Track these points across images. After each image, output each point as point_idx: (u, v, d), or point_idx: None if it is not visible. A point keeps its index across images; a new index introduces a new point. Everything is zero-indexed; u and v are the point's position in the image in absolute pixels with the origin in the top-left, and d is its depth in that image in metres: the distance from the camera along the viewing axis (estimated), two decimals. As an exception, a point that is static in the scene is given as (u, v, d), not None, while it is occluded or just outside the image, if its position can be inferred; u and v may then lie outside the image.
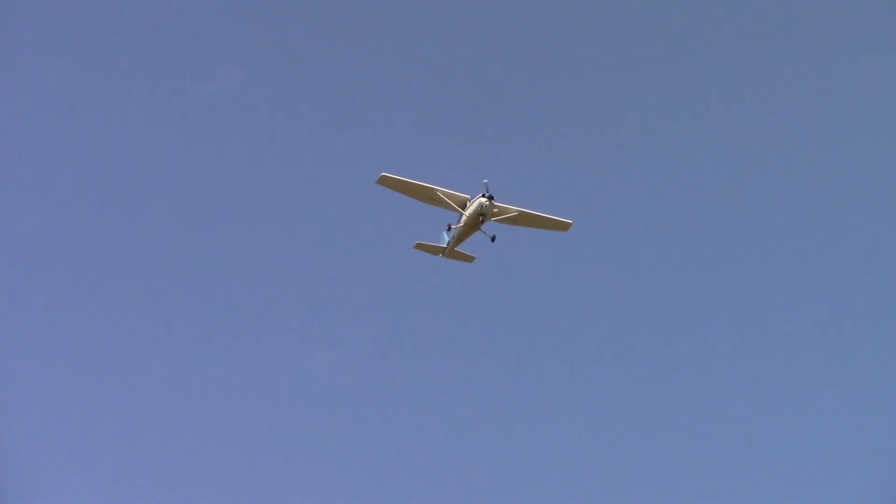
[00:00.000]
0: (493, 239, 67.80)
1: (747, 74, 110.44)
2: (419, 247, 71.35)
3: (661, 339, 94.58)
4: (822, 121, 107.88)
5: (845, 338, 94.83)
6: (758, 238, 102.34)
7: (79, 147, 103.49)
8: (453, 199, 67.06)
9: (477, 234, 68.52)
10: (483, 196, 66.11)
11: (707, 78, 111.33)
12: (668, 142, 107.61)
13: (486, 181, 66.03)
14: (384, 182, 65.85)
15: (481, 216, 66.59)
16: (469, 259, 71.58)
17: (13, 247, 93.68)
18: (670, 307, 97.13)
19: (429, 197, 66.85)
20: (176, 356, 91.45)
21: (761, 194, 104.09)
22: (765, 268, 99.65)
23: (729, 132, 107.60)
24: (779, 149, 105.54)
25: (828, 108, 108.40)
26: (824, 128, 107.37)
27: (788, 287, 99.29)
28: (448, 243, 70.17)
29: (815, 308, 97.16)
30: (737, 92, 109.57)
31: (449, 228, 68.81)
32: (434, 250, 71.14)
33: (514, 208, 67.57)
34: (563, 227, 68.28)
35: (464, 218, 67.20)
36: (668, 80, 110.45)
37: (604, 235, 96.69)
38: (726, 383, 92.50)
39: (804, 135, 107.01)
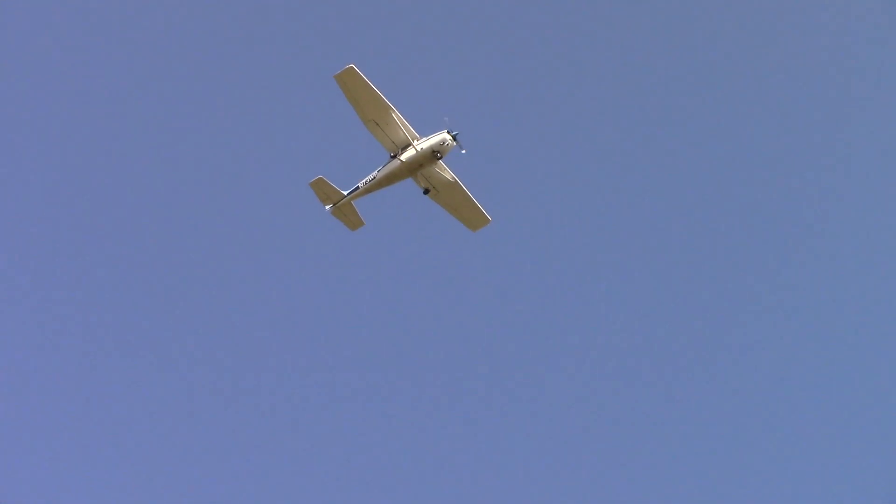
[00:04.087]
0: (426, 191, 62.86)
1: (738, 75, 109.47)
2: (317, 185, 64.17)
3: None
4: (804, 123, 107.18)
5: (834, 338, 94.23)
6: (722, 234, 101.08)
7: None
8: (406, 131, 61.11)
9: (399, 185, 63.50)
10: (448, 132, 61.33)
11: (700, 78, 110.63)
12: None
13: (447, 118, 61.92)
14: (346, 76, 59.27)
15: (437, 153, 61.41)
16: (356, 225, 64.90)
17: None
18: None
19: (377, 119, 60.58)
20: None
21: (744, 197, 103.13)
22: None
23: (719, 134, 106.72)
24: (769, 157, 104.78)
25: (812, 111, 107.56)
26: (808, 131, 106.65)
27: (770, 290, 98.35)
28: (355, 190, 63.79)
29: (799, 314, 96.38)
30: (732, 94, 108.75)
31: (394, 156, 62.18)
32: (328, 196, 64.20)
33: (451, 173, 62.60)
34: (482, 221, 63.46)
35: (410, 152, 61.52)
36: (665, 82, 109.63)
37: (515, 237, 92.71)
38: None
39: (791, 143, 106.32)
